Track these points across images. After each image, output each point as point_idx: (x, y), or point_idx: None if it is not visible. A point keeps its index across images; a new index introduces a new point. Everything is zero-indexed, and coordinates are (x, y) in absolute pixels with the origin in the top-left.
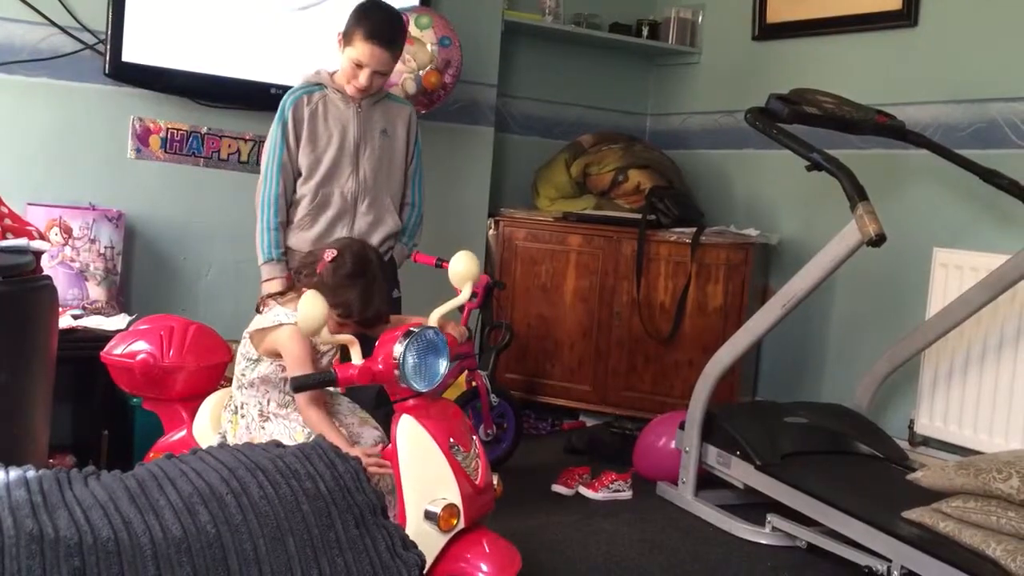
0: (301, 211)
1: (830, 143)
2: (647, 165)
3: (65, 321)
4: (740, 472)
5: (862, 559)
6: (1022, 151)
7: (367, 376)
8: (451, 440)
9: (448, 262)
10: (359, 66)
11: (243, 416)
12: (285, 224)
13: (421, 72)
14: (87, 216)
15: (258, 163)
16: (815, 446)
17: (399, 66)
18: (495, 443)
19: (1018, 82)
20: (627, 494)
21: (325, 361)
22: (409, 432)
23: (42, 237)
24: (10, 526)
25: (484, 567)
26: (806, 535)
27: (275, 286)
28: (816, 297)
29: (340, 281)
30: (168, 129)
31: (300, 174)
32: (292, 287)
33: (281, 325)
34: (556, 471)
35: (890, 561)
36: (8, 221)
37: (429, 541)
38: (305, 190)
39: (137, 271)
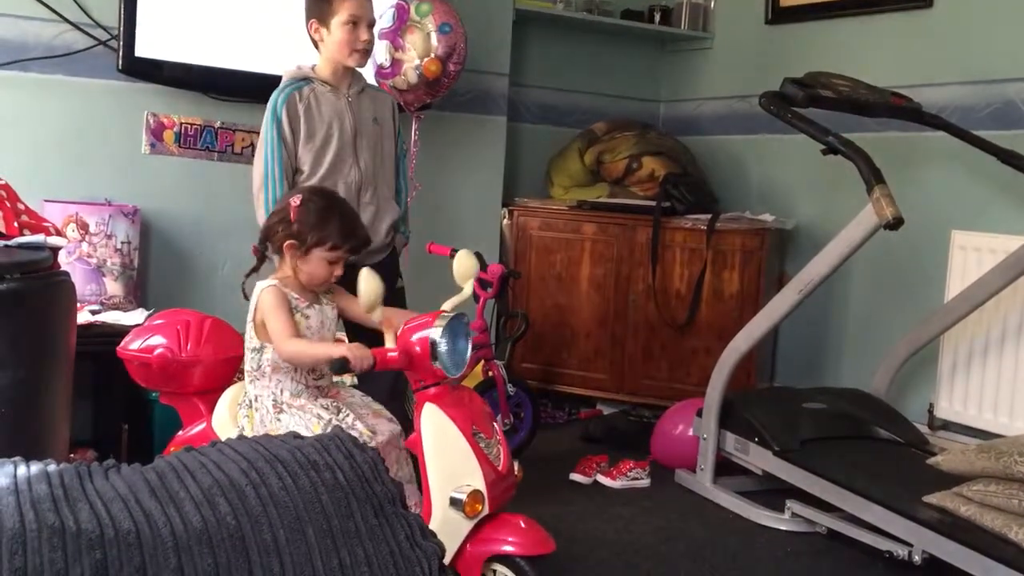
0: None
1: (846, 126)
2: (661, 152)
3: (83, 317)
4: (758, 458)
5: (883, 544)
6: None
7: (405, 360)
8: (474, 427)
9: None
10: (355, 24)
11: (257, 409)
12: None
13: (422, 61)
14: (103, 212)
15: None
16: (834, 431)
17: (400, 55)
18: (512, 432)
19: None
20: (645, 482)
21: (312, 322)
22: (433, 420)
23: (59, 233)
24: (32, 519)
25: (517, 541)
26: (826, 520)
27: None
28: (833, 282)
29: (318, 216)
30: (182, 124)
31: (301, 171)
32: (262, 261)
33: (262, 291)
34: (574, 460)
35: (911, 546)
36: (25, 218)
37: (454, 527)
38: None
39: (154, 266)
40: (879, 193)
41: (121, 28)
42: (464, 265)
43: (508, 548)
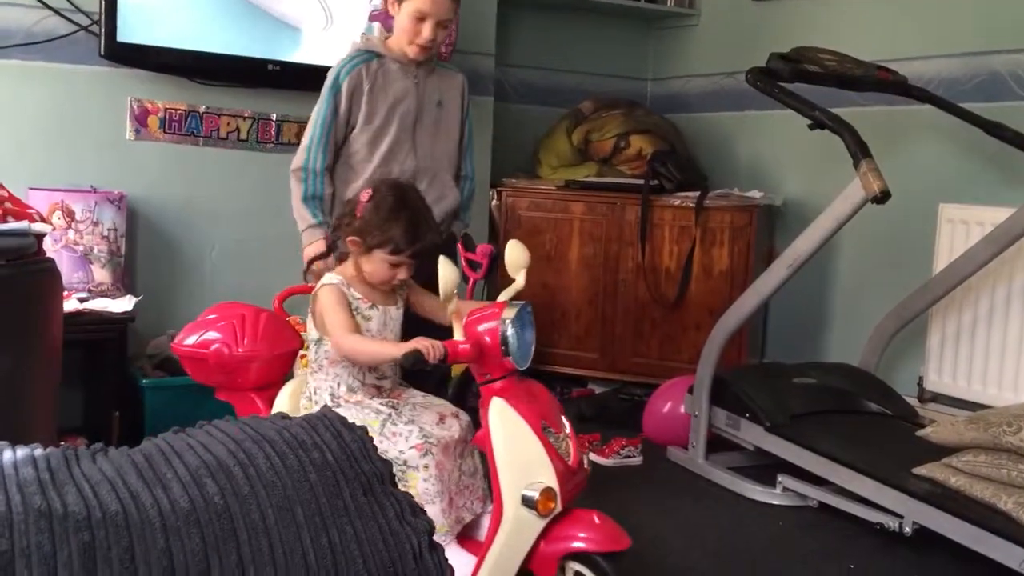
0: (360, 193)
1: (833, 101)
2: (648, 130)
3: (71, 304)
4: (750, 434)
5: (874, 516)
6: None
7: (475, 352)
8: (543, 422)
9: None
10: (421, 19)
11: (316, 403)
12: (332, 197)
13: None
14: (89, 199)
15: (258, 141)
16: (824, 406)
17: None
18: None
19: (1021, 33)
20: (637, 460)
21: (373, 324)
22: (502, 415)
23: (43, 220)
24: (18, 503)
25: (593, 538)
26: (817, 494)
27: (318, 248)
28: (822, 257)
29: (384, 216)
30: (166, 109)
31: (356, 153)
32: (330, 250)
33: (322, 287)
34: None
35: (902, 517)
36: (9, 204)
37: (527, 526)
38: (363, 171)
39: (141, 252)
40: (866, 167)
41: (103, 13)
42: (515, 255)
43: (583, 545)
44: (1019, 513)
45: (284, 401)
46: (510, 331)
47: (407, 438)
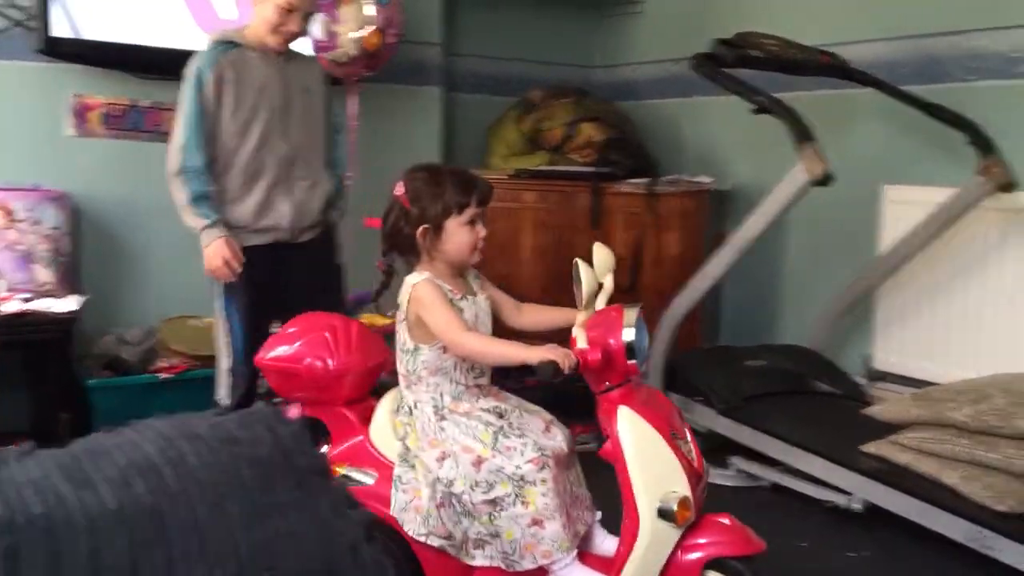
0: (234, 182)
1: (779, 86)
2: (598, 118)
3: (14, 306)
4: (702, 417)
5: (824, 495)
6: (964, 84)
7: (604, 357)
8: (670, 429)
9: None
10: (289, 11)
11: (417, 417)
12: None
13: (361, 34)
14: (29, 197)
15: None
16: (775, 388)
17: (336, 28)
18: None
19: (958, 15)
20: (593, 446)
21: (467, 316)
22: (632, 425)
23: None
24: None
25: (728, 541)
26: (769, 475)
27: (220, 248)
28: (772, 240)
29: (431, 187)
30: (107, 104)
31: (226, 144)
32: (391, 272)
33: (413, 286)
34: None
35: (851, 495)
36: None
37: (665, 538)
38: (236, 160)
39: (87, 251)
40: (808, 150)
41: (37, 7)
42: (601, 258)
43: (721, 550)
44: (964, 487)
45: (384, 416)
46: (635, 336)
47: (522, 452)
